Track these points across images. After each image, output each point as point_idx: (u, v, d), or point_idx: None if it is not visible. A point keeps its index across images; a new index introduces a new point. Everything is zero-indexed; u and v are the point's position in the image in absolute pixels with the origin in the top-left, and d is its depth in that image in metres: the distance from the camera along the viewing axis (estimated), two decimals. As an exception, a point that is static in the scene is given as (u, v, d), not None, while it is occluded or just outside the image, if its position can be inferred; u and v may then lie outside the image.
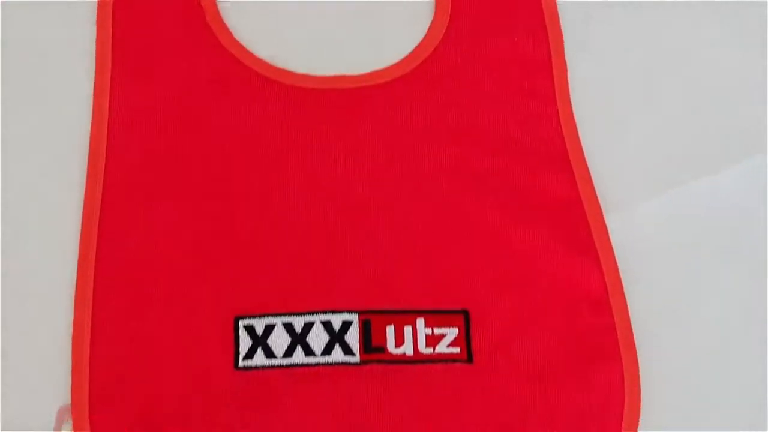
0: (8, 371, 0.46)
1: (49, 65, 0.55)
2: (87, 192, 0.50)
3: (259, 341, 0.46)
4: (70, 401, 0.45)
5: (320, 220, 0.50)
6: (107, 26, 0.55)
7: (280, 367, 0.46)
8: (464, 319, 0.47)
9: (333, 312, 0.47)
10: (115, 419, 0.45)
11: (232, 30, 0.56)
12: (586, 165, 0.52)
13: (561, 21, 0.57)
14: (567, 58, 0.56)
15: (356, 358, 0.46)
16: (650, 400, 0.46)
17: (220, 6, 0.57)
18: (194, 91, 0.53)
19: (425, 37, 0.56)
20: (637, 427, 0.46)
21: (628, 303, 0.49)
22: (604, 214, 0.51)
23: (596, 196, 0.51)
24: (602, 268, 0.49)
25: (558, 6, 0.58)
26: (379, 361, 0.46)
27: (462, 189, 0.51)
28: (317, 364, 0.46)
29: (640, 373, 0.47)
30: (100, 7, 0.56)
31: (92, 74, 0.54)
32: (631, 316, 0.48)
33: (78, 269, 0.48)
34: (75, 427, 0.45)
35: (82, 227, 0.49)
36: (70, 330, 0.47)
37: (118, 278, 0.48)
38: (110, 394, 0.45)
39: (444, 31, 0.56)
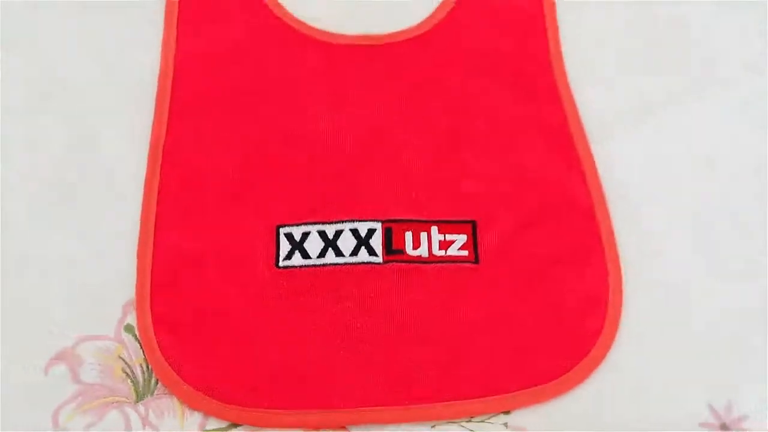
0: (83, 271, 0.49)
1: (129, 20, 0.58)
2: (156, 115, 0.54)
3: (297, 245, 0.50)
4: (134, 297, 0.48)
5: (348, 145, 0.53)
6: None
7: (315, 266, 0.49)
8: (472, 227, 0.50)
9: (360, 221, 0.50)
10: (172, 309, 0.48)
11: None
12: (574, 102, 0.55)
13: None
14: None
15: (379, 259, 0.49)
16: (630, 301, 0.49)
17: None
18: (246, 43, 0.57)
19: (437, 7, 0.59)
20: (619, 315, 0.49)
21: (612, 217, 0.51)
22: (590, 143, 0.54)
23: (582, 127, 0.54)
24: (588, 184, 0.52)
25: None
26: (398, 261, 0.49)
27: (467, 121, 0.54)
28: (346, 264, 0.49)
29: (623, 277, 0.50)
30: None
31: (161, 28, 0.58)
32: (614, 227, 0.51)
33: (145, 181, 0.52)
34: (138, 317, 0.48)
35: (150, 144, 0.53)
36: (137, 235, 0.50)
37: (179, 190, 0.52)
38: (169, 287, 0.49)
39: (454, 1, 0.59)
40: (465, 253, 0.50)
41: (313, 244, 0.50)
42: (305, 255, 0.49)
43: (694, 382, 0.47)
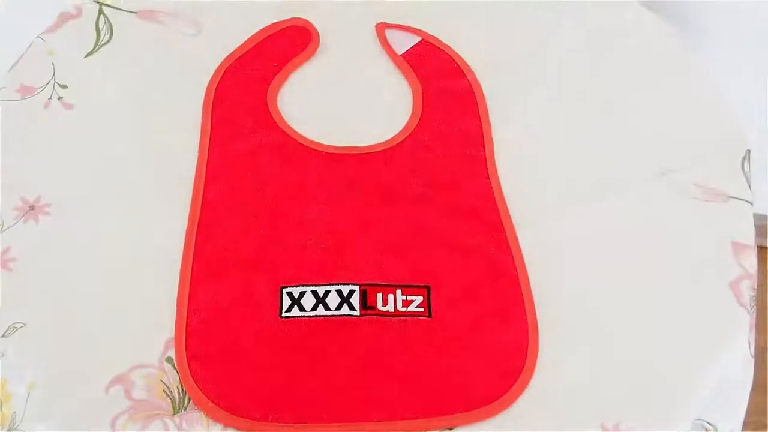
0: (132, 314, 0.60)
1: (171, 129, 0.71)
2: (191, 205, 0.65)
3: (296, 301, 0.60)
4: (173, 335, 0.59)
5: (335, 228, 0.64)
6: (209, 105, 0.72)
7: (309, 317, 0.60)
8: (427, 291, 0.61)
9: (343, 284, 0.61)
10: (201, 346, 0.58)
11: (284, 116, 0.72)
12: (504, 199, 0.67)
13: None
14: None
15: (357, 312, 0.60)
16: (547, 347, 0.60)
17: (278, 101, 0.73)
18: (260, 152, 0.69)
19: (407, 124, 0.71)
20: (536, 356, 0.59)
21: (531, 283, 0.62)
22: (516, 229, 0.65)
23: (510, 218, 0.66)
24: (513, 259, 0.64)
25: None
26: (372, 315, 0.60)
27: (427, 214, 0.66)
28: (332, 316, 0.60)
29: (539, 326, 0.60)
30: (207, 94, 0.73)
31: (198, 136, 0.70)
32: (533, 291, 0.62)
33: (183, 254, 0.63)
34: (176, 351, 0.58)
35: (186, 230, 0.64)
36: (176, 290, 0.61)
37: (209, 257, 0.62)
38: (199, 330, 0.59)
39: (418, 119, 0.71)
40: (421, 309, 0.61)
41: (308, 301, 0.60)
42: (302, 308, 0.60)
43: (590, 408, 0.57)
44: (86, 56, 0.75)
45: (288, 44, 0.77)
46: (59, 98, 0.72)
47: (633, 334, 0.62)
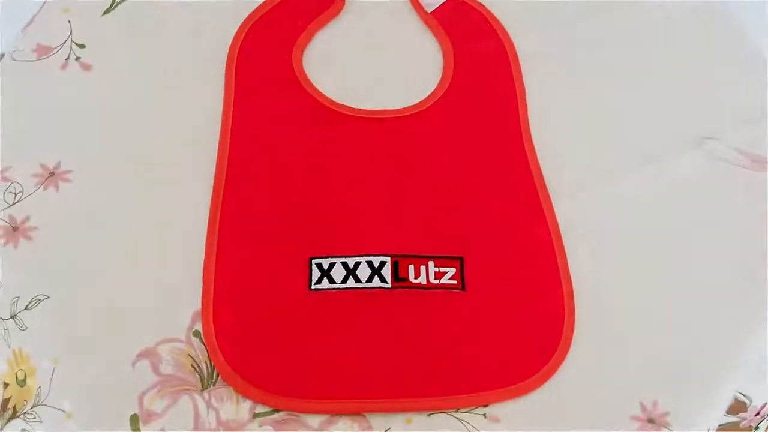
0: (158, 286, 0.58)
1: (193, 92, 0.67)
2: (216, 172, 0.63)
3: (325, 273, 0.58)
4: (200, 308, 0.57)
5: (365, 196, 0.62)
6: (232, 64, 0.69)
7: (339, 289, 0.58)
8: (460, 262, 0.59)
9: (374, 255, 0.59)
10: (229, 320, 0.57)
11: (310, 77, 0.69)
12: (540, 168, 0.64)
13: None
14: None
15: (389, 285, 0.58)
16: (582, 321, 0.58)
17: (303, 62, 0.70)
18: (286, 116, 0.66)
19: (437, 86, 0.69)
20: (573, 330, 0.57)
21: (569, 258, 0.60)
22: (552, 199, 0.63)
23: (545, 186, 0.64)
24: (548, 227, 0.62)
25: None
26: (403, 287, 0.58)
27: (460, 181, 0.63)
28: (363, 288, 0.58)
29: (575, 301, 0.58)
30: (230, 52, 0.69)
31: (221, 97, 0.66)
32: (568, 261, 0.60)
33: (208, 223, 0.60)
34: (204, 325, 0.56)
35: (212, 197, 0.61)
36: (202, 262, 0.59)
37: (236, 227, 0.60)
38: (227, 303, 0.57)
39: (449, 81, 0.69)
40: (454, 282, 0.59)
41: (338, 273, 0.59)
42: (331, 281, 0.58)
43: (628, 383, 0.56)
44: (103, 14, 0.72)
45: (313, 1, 0.74)
46: (77, 58, 0.69)
47: (672, 308, 0.60)
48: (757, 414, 0.58)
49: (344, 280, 0.59)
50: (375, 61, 0.71)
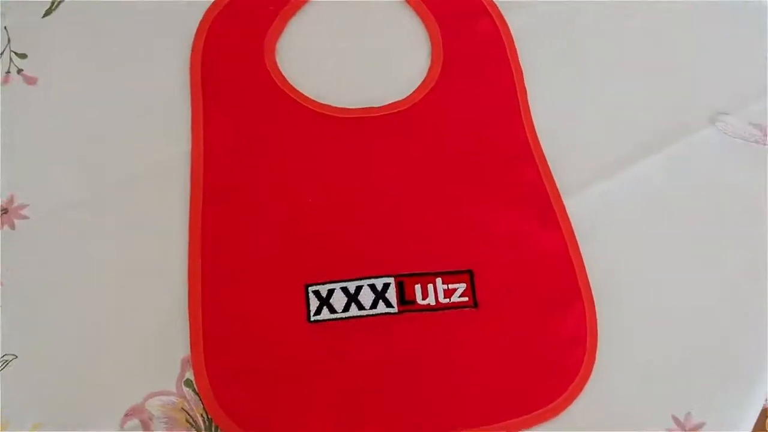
0: (139, 333, 0.52)
1: (158, 102, 0.60)
2: (192, 198, 0.56)
3: (324, 301, 0.53)
4: (190, 353, 0.51)
5: (360, 209, 0.56)
6: (197, 65, 0.61)
7: (341, 319, 0.53)
8: (470, 276, 0.54)
9: (376, 277, 0.54)
10: (225, 364, 0.51)
11: (284, 74, 0.61)
12: (546, 161, 0.59)
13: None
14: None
15: (395, 309, 0.53)
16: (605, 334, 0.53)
17: (277, 57, 0.62)
18: (262, 122, 0.59)
19: (424, 81, 0.62)
20: (596, 350, 0.53)
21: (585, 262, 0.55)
22: (562, 196, 0.57)
23: (554, 182, 0.58)
24: (562, 230, 0.56)
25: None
26: (411, 311, 0.53)
27: (461, 184, 0.58)
28: (367, 315, 0.53)
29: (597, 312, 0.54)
30: (193, 51, 0.62)
31: (189, 107, 0.59)
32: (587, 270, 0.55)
33: (189, 256, 0.54)
34: (195, 373, 0.51)
35: (190, 226, 0.55)
36: (186, 301, 0.53)
37: (220, 262, 0.54)
38: (220, 344, 0.51)
39: (439, 70, 0.62)
40: (466, 299, 0.54)
41: (338, 300, 0.53)
42: (332, 310, 0.53)
43: (657, 397, 0.52)
44: (44, 16, 0.63)
45: None
46: (19, 71, 0.60)
47: (697, 310, 0.56)
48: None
49: (346, 308, 0.54)
50: (356, 50, 0.64)
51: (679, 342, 0.54)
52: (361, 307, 0.53)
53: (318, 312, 0.53)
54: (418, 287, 0.54)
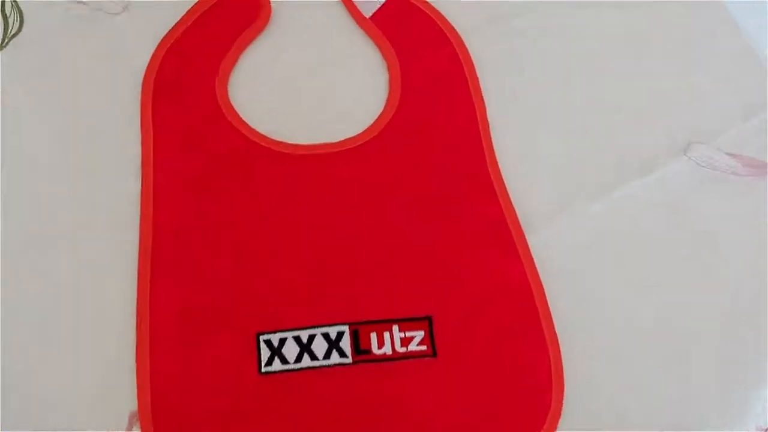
0: (82, 387, 0.50)
1: (104, 138, 0.58)
2: (141, 241, 0.54)
3: (276, 351, 0.51)
4: (137, 408, 0.49)
5: (312, 253, 0.54)
6: (148, 103, 0.59)
7: (293, 370, 0.51)
8: (428, 323, 0.52)
9: (330, 325, 0.52)
10: (174, 421, 0.49)
11: (237, 109, 0.59)
12: (509, 196, 0.56)
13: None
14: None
15: (349, 360, 0.51)
16: (572, 377, 0.51)
17: (229, 90, 0.60)
18: (213, 162, 0.57)
19: (381, 114, 0.60)
20: (562, 398, 0.50)
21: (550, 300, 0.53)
22: (525, 233, 0.55)
23: (517, 218, 0.56)
24: (524, 267, 0.54)
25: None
26: (366, 361, 0.51)
27: (419, 221, 0.55)
28: (320, 366, 0.51)
29: (561, 350, 0.51)
30: (144, 88, 0.60)
31: (138, 144, 0.57)
32: (550, 307, 0.53)
33: (137, 304, 0.52)
34: (142, 427, 0.49)
35: (138, 272, 0.53)
36: (134, 352, 0.50)
37: (168, 309, 0.52)
38: (169, 400, 0.49)
39: (397, 102, 0.60)
40: (424, 347, 0.52)
41: (290, 350, 0.51)
42: (284, 360, 0.51)
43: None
44: (-5, 52, 0.61)
45: (235, 15, 0.63)
46: (-33, 107, 0.58)
47: (668, 342, 0.53)
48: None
49: (298, 359, 0.51)
50: (310, 83, 0.61)
51: (651, 386, 0.52)
52: (314, 357, 0.51)
53: (269, 363, 0.51)
54: (373, 335, 0.52)
